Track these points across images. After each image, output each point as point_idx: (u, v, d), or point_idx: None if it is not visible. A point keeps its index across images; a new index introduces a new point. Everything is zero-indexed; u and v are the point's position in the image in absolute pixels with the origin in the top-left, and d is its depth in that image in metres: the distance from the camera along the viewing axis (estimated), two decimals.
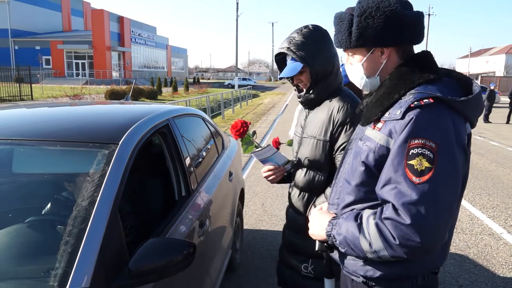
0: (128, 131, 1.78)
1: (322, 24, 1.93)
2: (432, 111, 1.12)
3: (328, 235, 1.29)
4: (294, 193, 2.04)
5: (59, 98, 20.24)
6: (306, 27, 1.89)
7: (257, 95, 33.33)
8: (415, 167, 1.09)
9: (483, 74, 46.46)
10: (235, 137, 1.92)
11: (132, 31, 50.99)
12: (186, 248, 1.44)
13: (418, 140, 1.10)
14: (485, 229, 4.56)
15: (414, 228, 1.07)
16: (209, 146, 3.03)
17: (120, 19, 48.83)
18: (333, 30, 1.37)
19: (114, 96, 21.20)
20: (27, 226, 1.47)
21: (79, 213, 1.38)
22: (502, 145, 10.43)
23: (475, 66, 70.05)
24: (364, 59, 1.31)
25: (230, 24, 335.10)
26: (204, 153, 2.85)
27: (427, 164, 1.08)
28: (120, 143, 1.68)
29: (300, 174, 1.98)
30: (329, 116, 1.87)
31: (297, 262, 2.02)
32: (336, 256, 1.39)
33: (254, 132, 1.98)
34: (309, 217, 1.47)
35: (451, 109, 1.15)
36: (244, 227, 3.98)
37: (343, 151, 1.81)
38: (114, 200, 1.45)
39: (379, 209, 1.17)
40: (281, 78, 1.97)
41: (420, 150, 1.09)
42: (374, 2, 1.24)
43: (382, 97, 1.25)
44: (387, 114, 1.21)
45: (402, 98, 1.20)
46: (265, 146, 1.95)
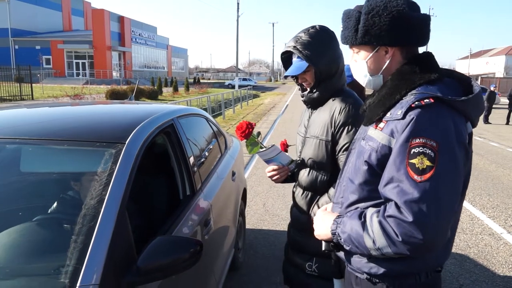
0: (134, 130, 1.80)
1: (323, 24, 1.95)
2: (432, 111, 1.14)
3: (333, 233, 1.32)
4: (298, 192, 2.06)
5: (59, 98, 20.26)
6: (313, 27, 1.91)
7: (258, 95, 33.33)
8: (417, 166, 1.11)
9: (483, 75, 46.45)
10: (240, 139, 1.94)
11: (132, 31, 50.98)
12: (193, 246, 1.47)
13: (419, 139, 1.12)
14: (485, 229, 4.59)
15: (416, 225, 1.09)
16: (212, 146, 3.05)
17: (121, 19, 48.81)
18: (341, 26, 1.40)
19: (114, 96, 21.21)
20: (36, 224, 1.49)
21: (88, 212, 1.40)
22: (502, 146, 10.45)
23: (475, 67, 70.12)
24: (369, 57, 1.33)
25: (230, 24, 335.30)
26: (208, 153, 2.87)
27: (428, 163, 1.10)
28: (126, 142, 1.70)
29: (304, 173, 2.00)
30: (330, 117, 1.89)
31: (302, 260, 2.04)
32: (341, 254, 1.42)
33: (259, 133, 2.00)
34: (314, 218, 1.49)
35: (452, 109, 1.17)
36: (246, 226, 4.00)
37: (345, 152, 1.83)
38: (122, 198, 1.47)
39: (382, 207, 1.19)
40: (286, 77, 1.98)
41: (421, 149, 1.12)
42: (382, 1, 1.26)
43: (384, 98, 1.28)
44: (388, 114, 1.23)
45: (404, 98, 1.22)
46: (270, 146, 1.97)
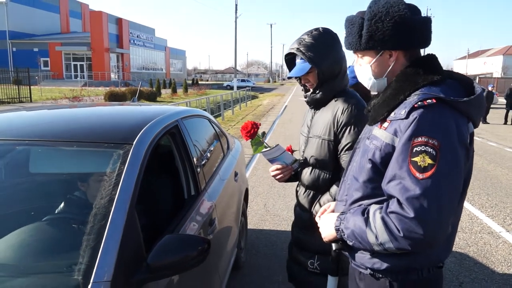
0: (141, 131, 1.84)
1: (321, 25, 2.00)
2: (435, 111, 1.18)
3: (337, 229, 1.36)
4: (301, 191, 2.10)
5: (58, 100, 20.24)
6: (317, 29, 1.95)
7: (256, 96, 33.37)
8: (419, 164, 1.15)
9: (480, 75, 46.62)
10: (246, 138, 1.98)
11: (130, 33, 50.98)
12: (201, 244, 1.50)
13: (422, 138, 1.16)
14: (484, 227, 4.63)
15: (417, 221, 1.13)
16: (215, 147, 3.08)
17: (119, 21, 48.81)
18: (344, 32, 1.43)
19: (113, 98, 21.23)
20: (48, 223, 1.53)
21: (98, 211, 1.44)
22: (500, 146, 10.51)
23: (472, 67, 70.35)
24: (373, 61, 1.37)
25: (228, 26, 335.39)
26: (211, 153, 2.91)
27: (430, 161, 1.14)
28: (134, 143, 1.73)
29: (306, 172, 2.04)
30: (333, 117, 1.92)
31: (304, 258, 2.08)
32: (345, 251, 1.45)
33: (263, 133, 2.04)
34: (319, 223, 1.53)
35: (454, 109, 1.20)
36: (248, 226, 4.03)
37: (347, 152, 1.88)
38: (131, 198, 1.50)
39: (385, 204, 1.23)
40: (290, 78, 2.02)
41: (423, 148, 1.15)
42: (384, 7, 1.29)
43: (388, 98, 1.32)
44: (392, 114, 1.27)
45: (407, 99, 1.26)
46: (274, 146, 2.01)
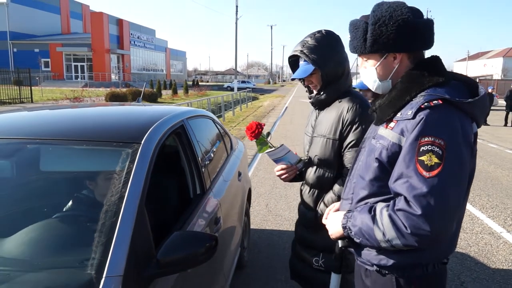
0: (149, 130, 1.87)
1: (322, 25, 2.04)
2: (441, 112, 1.22)
3: (344, 227, 1.40)
4: (305, 190, 2.13)
5: (59, 101, 20.29)
6: (320, 32, 1.99)
7: (257, 97, 33.42)
8: (425, 163, 1.19)
9: (480, 77, 46.67)
10: (250, 138, 2.01)
11: (131, 34, 51.09)
12: (209, 241, 1.53)
13: (428, 138, 1.20)
14: (485, 228, 4.67)
15: (424, 218, 1.16)
16: (219, 147, 3.12)
17: (119, 22, 48.92)
18: (348, 36, 1.47)
19: (114, 99, 21.29)
20: (60, 220, 1.56)
21: (109, 208, 1.47)
22: (500, 147, 10.55)
23: (472, 69, 70.39)
24: (378, 63, 1.40)
25: (229, 27, 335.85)
26: (216, 153, 2.94)
27: (436, 160, 1.18)
28: (142, 142, 1.77)
29: (311, 171, 2.07)
30: (338, 116, 1.96)
31: (309, 255, 2.11)
32: (351, 248, 1.49)
33: (268, 133, 2.07)
34: (325, 221, 1.56)
35: (459, 110, 1.24)
36: (250, 226, 4.06)
37: (351, 149, 1.92)
38: (140, 195, 1.54)
39: (392, 202, 1.27)
40: (293, 79, 2.06)
41: (429, 147, 1.19)
42: (388, 11, 1.33)
43: (394, 99, 1.35)
44: (399, 114, 1.31)
45: (413, 99, 1.30)
46: (279, 146, 2.04)
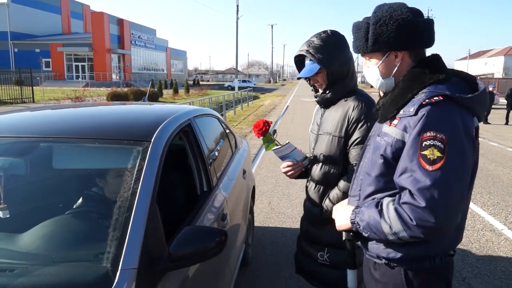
0: (158, 129, 1.92)
1: (322, 26, 2.08)
2: (442, 107, 1.26)
3: (352, 222, 1.45)
4: (311, 187, 2.18)
5: (61, 101, 20.35)
6: (325, 32, 2.03)
7: (257, 97, 33.44)
8: (428, 157, 1.23)
9: (481, 76, 46.72)
10: (258, 136, 2.06)
11: (132, 34, 51.14)
12: (218, 236, 1.58)
13: (430, 132, 1.24)
14: (486, 225, 4.71)
15: (429, 210, 1.21)
16: (225, 145, 3.17)
17: (120, 22, 48.97)
18: (351, 37, 1.53)
19: (116, 98, 21.34)
20: (74, 216, 1.61)
21: (122, 204, 1.52)
22: (501, 146, 10.59)
23: (474, 68, 70.42)
24: (380, 62, 1.45)
25: (229, 26, 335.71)
26: (221, 151, 2.99)
27: (439, 154, 1.22)
28: (152, 140, 1.81)
29: (316, 168, 2.12)
30: (344, 114, 2.01)
31: (314, 250, 2.16)
32: (359, 242, 1.54)
33: (274, 131, 2.12)
34: (333, 213, 1.62)
35: (459, 105, 1.29)
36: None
37: (356, 146, 1.97)
38: (152, 191, 1.58)
39: (397, 196, 1.31)
40: (299, 78, 2.11)
41: (432, 142, 1.24)
42: (388, 11, 1.38)
43: (397, 97, 1.40)
44: (401, 112, 1.36)
45: (415, 96, 1.34)
46: (285, 143, 2.09)
